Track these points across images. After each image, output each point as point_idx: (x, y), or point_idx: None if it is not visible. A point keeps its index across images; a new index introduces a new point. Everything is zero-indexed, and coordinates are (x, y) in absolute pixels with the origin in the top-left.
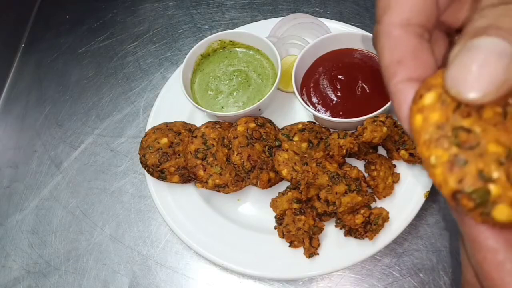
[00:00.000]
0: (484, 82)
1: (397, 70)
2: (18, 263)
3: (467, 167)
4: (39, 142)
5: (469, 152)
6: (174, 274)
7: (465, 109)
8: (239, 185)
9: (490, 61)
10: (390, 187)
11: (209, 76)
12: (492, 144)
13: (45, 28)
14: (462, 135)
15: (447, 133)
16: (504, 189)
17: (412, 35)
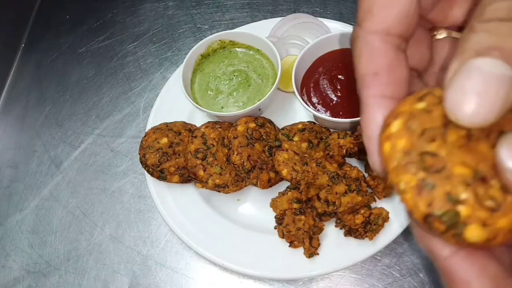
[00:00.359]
0: (484, 111)
1: (371, 82)
2: (18, 263)
3: (435, 190)
4: (39, 142)
5: (436, 175)
6: (174, 274)
7: (430, 134)
8: (239, 185)
9: (491, 87)
10: (390, 187)
11: (209, 76)
12: (457, 167)
13: (45, 28)
14: (428, 160)
15: (413, 159)
16: (473, 210)
17: (391, 47)
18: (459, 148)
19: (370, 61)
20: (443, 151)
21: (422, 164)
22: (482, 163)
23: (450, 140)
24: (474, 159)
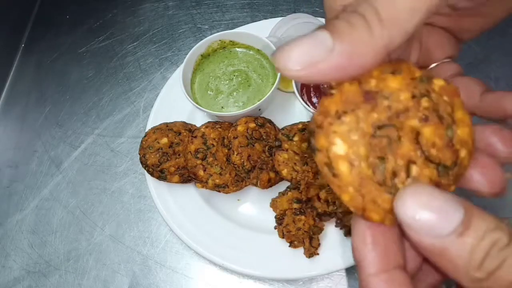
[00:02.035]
0: (293, 60)
1: None
2: (18, 263)
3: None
4: (39, 142)
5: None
6: (174, 274)
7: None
8: (239, 185)
9: (311, 46)
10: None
11: (209, 76)
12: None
13: (45, 28)
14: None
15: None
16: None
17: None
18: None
19: None
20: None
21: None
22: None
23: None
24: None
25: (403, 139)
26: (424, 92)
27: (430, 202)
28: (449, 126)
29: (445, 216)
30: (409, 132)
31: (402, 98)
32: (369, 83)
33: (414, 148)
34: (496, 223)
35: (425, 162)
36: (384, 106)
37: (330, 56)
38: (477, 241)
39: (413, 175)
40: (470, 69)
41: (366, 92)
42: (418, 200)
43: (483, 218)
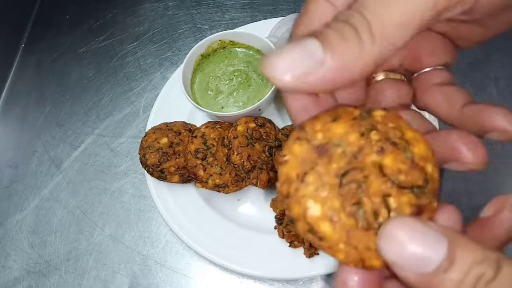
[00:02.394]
0: (284, 71)
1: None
2: (18, 263)
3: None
4: (39, 142)
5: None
6: (174, 274)
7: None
8: (239, 185)
9: (301, 57)
10: None
11: (209, 76)
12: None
13: (45, 28)
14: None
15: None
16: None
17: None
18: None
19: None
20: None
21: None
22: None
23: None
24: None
25: (369, 177)
26: (370, 127)
27: (412, 237)
28: (405, 148)
29: (428, 251)
30: (372, 168)
31: (352, 140)
32: (317, 138)
33: (383, 181)
34: (483, 254)
35: (399, 191)
36: (339, 154)
37: (320, 69)
38: (462, 276)
39: (394, 207)
40: (470, 69)
41: (317, 147)
42: (399, 236)
43: (468, 249)
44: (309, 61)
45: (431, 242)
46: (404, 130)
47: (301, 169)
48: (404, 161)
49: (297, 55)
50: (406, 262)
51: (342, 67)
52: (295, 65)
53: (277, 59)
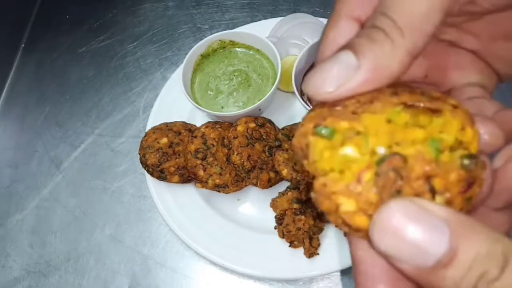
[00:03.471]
0: (323, 85)
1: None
2: (18, 263)
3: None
4: (39, 142)
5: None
6: (174, 274)
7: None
8: (239, 185)
9: (337, 68)
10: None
11: (209, 76)
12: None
13: (45, 28)
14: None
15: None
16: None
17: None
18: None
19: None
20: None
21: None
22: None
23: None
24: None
25: (409, 159)
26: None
27: (408, 225)
28: (421, 92)
29: (427, 242)
30: (391, 105)
31: (364, 94)
32: (327, 103)
33: (427, 161)
34: (488, 246)
35: (445, 168)
36: (353, 102)
37: (357, 74)
38: (464, 273)
39: (440, 190)
40: None
41: (330, 104)
42: (393, 225)
43: (473, 239)
44: (346, 71)
45: (431, 231)
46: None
47: (317, 121)
48: (422, 96)
49: (333, 68)
50: (403, 254)
51: (377, 66)
52: (333, 79)
53: (316, 77)
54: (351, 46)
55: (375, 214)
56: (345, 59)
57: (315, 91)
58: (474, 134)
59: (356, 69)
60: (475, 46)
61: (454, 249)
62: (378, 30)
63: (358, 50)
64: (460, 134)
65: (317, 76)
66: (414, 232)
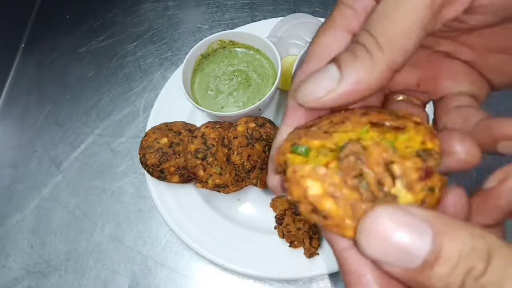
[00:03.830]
0: (311, 94)
1: (291, 114)
2: (18, 263)
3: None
4: (39, 142)
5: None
6: (174, 274)
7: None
8: (239, 185)
9: (323, 80)
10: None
11: (209, 76)
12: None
13: (45, 28)
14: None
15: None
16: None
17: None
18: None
19: (292, 116)
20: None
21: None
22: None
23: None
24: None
25: (369, 148)
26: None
27: (393, 229)
28: (390, 112)
29: (412, 243)
30: (360, 125)
31: (337, 115)
32: (304, 124)
33: (384, 149)
34: (471, 242)
35: (402, 156)
36: (327, 123)
37: (339, 86)
38: (450, 270)
39: (398, 174)
40: None
41: (306, 125)
42: (379, 230)
43: (455, 238)
44: (330, 81)
45: (415, 233)
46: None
47: (294, 140)
48: (389, 115)
49: (319, 79)
50: (390, 258)
51: (357, 80)
52: (318, 88)
53: (304, 86)
54: (337, 60)
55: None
56: (330, 72)
57: (305, 99)
58: (436, 144)
59: (339, 81)
60: (470, 57)
61: (438, 247)
62: (360, 46)
63: (342, 64)
64: (421, 147)
65: (307, 87)
66: (400, 236)
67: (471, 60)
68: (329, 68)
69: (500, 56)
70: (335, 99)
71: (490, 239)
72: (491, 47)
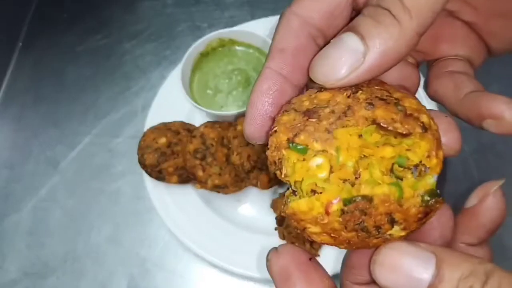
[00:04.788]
0: (330, 71)
1: (275, 56)
2: (15, 265)
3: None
4: (36, 142)
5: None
6: (173, 276)
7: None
8: (238, 185)
9: (344, 55)
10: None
11: (208, 75)
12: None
13: (42, 27)
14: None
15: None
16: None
17: (306, 34)
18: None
19: (283, 37)
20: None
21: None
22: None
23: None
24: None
25: (375, 199)
26: (355, 90)
27: (403, 260)
28: (396, 103)
29: (419, 270)
30: (364, 122)
31: (339, 100)
32: (304, 105)
33: (391, 202)
34: (471, 268)
35: (407, 208)
36: (327, 113)
37: (366, 61)
38: None
39: (399, 222)
40: None
41: (305, 112)
42: (390, 262)
43: (456, 265)
44: (352, 58)
45: (421, 260)
46: (391, 91)
47: (291, 133)
48: (396, 112)
49: (339, 55)
50: (400, 286)
51: (385, 51)
52: (341, 67)
53: (325, 65)
54: (356, 30)
55: (374, 254)
56: (352, 45)
57: (326, 80)
58: (438, 162)
59: (364, 55)
60: (472, 18)
61: (441, 273)
62: (384, 11)
63: (365, 34)
64: (425, 159)
65: (325, 64)
66: (408, 263)
67: (473, 21)
68: (347, 39)
69: (502, 20)
70: (361, 75)
71: (489, 265)
72: (495, 10)
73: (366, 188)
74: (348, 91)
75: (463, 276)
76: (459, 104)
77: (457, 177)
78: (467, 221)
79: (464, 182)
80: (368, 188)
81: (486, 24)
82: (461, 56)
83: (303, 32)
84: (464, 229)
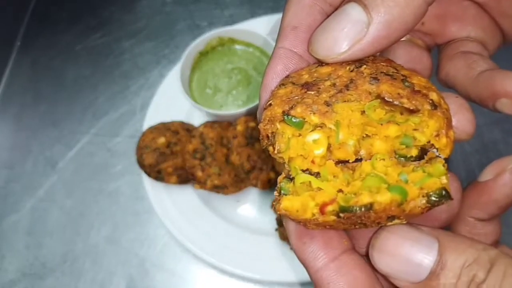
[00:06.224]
0: (333, 46)
1: (288, 35)
2: (14, 265)
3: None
4: (34, 142)
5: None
6: (172, 276)
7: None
8: (238, 186)
9: (346, 26)
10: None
11: (207, 74)
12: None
13: (41, 26)
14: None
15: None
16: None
17: (319, 9)
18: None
19: (295, 15)
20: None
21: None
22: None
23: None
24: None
25: (375, 205)
26: (359, 64)
27: (403, 244)
28: (403, 80)
29: (420, 255)
30: (368, 96)
31: (341, 73)
32: (303, 79)
33: (394, 205)
34: (474, 254)
35: (411, 204)
36: (328, 86)
37: (370, 30)
38: (455, 280)
39: (399, 217)
40: None
41: (304, 84)
42: (390, 247)
43: (459, 251)
44: (355, 29)
45: (422, 246)
46: (398, 68)
47: (287, 105)
48: (403, 88)
49: (341, 27)
50: (400, 272)
51: (390, 21)
52: (341, 37)
53: (323, 37)
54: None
55: (373, 238)
56: (354, 15)
57: (326, 54)
58: (448, 142)
59: (368, 26)
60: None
61: (444, 259)
62: None
63: (368, 3)
64: (433, 139)
65: (326, 36)
66: (409, 248)
67: (483, 1)
68: (349, 9)
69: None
70: (365, 48)
71: (493, 251)
72: None
73: (366, 197)
74: (351, 66)
75: (466, 263)
76: (471, 84)
77: (458, 176)
78: (478, 195)
79: (466, 181)
80: (368, 197)
81: (498, 4)
82: (473, 38)
83: (315, 8)
84: (474, 204)
